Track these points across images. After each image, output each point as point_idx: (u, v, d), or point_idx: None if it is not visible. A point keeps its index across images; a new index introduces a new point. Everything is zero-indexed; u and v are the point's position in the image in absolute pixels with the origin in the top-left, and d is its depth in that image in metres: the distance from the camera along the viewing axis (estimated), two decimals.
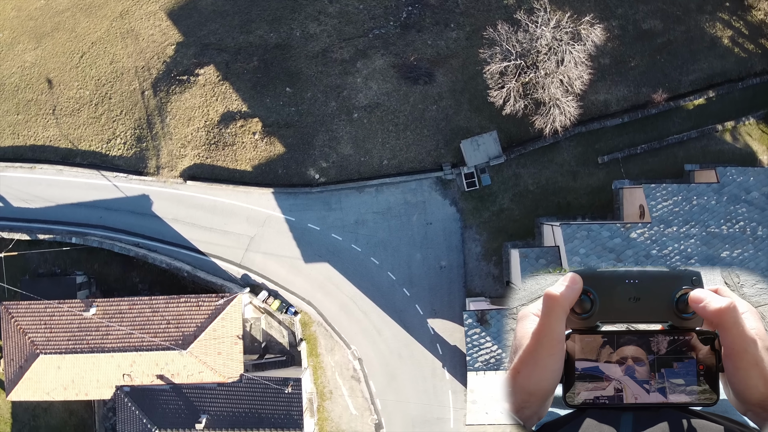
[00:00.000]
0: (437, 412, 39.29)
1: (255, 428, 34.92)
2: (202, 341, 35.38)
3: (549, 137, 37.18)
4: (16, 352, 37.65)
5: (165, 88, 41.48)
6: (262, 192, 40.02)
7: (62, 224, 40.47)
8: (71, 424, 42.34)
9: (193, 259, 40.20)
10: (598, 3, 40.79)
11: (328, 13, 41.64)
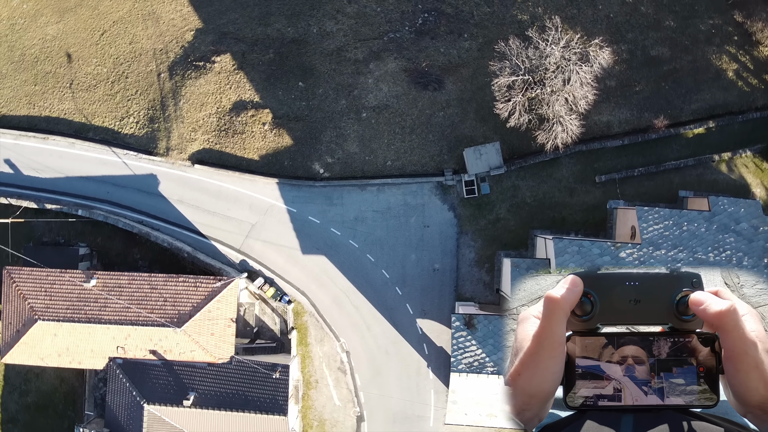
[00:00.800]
0: (418, 409, 40.33)
1: (241, 410, 35.93)
2: (197, 321, 36.39)
3: (550, 153, 38.20)
4: (14, 316, 38.63)
5: (181, 72, 42.48)
6: (266, 181, 41.02)
7: (70, 196, 41.47)
8: (61, 391, 43.34)
9: (194, 240, 41.21)
10: (609, 26, 41.81)
11: (346, 12, 42.62)
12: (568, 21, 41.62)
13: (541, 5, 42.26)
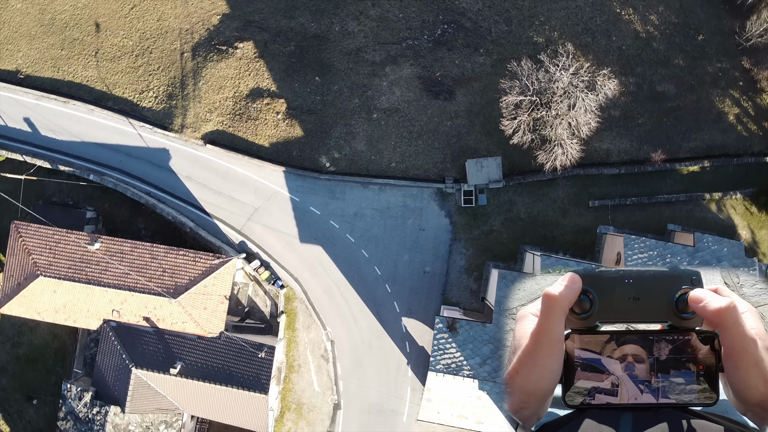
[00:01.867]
0: (394, 404, 41.78)
1: (224, 383, 37.35)
2: (192, 294, 37.81)
3: (548, 173, 39.63)
4: (17, 269, 40.02)
5: (204, 53, 43.89)
6: (274, 168, 42.43)
7: (83, 160, 42.90)
8: (53, 346, 44.75)
9: (198, 217, 42.63)
10: (620, 58, 43.24)
11: (369, 15, 44.02)
12: (581, 48, 43.06)
13: (558, 30, 43.68)
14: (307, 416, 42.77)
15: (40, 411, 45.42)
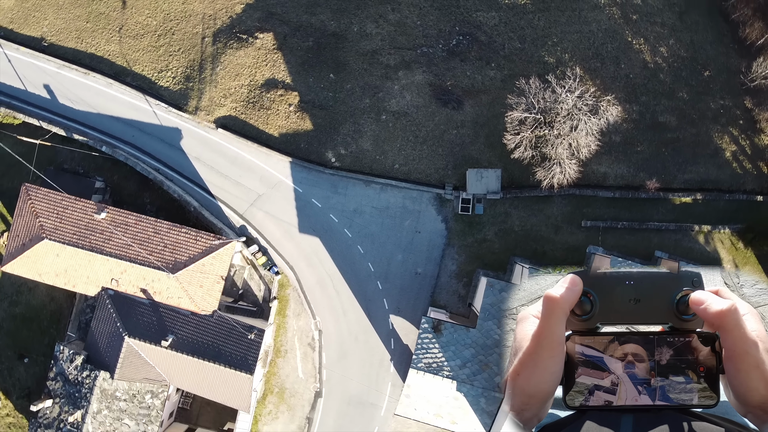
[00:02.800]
0: (373, 397, 43.06)
1: (212, 360, 38.59)
2: (190, 271, 39.06)
3: (545, 190, 40.90)
4: (23, 230, 41.25)
5: (224, 40, 45.14)
6: (281, 158, 43.68)
7: (97, 131, 44.15)
8: (49, 308, 45.99)
9: (202, 197, 43.89)
10: (626, 85, 44.50)
11: (387, 19, 45.26)
12: (590, 72, 44.33)
13: (569, 52, 44.94)
14: (289, 401, 44.03)
15: (30, 370, 46.64)
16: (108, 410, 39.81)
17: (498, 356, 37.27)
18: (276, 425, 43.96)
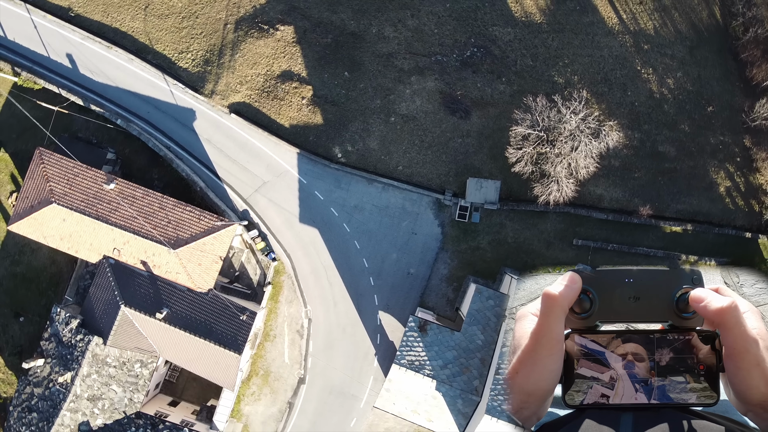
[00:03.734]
0: (355, 389, 44.31)
1: (203, 337, 39.79)
2: (190, 248, 40.29)
3: (541, 205, 42.15)
4: (33, 193, 42.43)
5: (245, 29, 46.37)
6: (289, 148, 44.91)
7: (114, 104, 45.37)
8: (50, 271, 47.19)
9: (209, 179, 45.12)
10: (630, 113, 45.76)
11: (406, 24, 46.49)
12: (596, 96, 45.59)
13: (579, 74, 46.19)
14: (272, 384, 45.27)
15: (25, 329, 47.84)
16: (97, 375, 41.03)
17: (479, 361, 38.54)
18: (258, 406, 45.21)
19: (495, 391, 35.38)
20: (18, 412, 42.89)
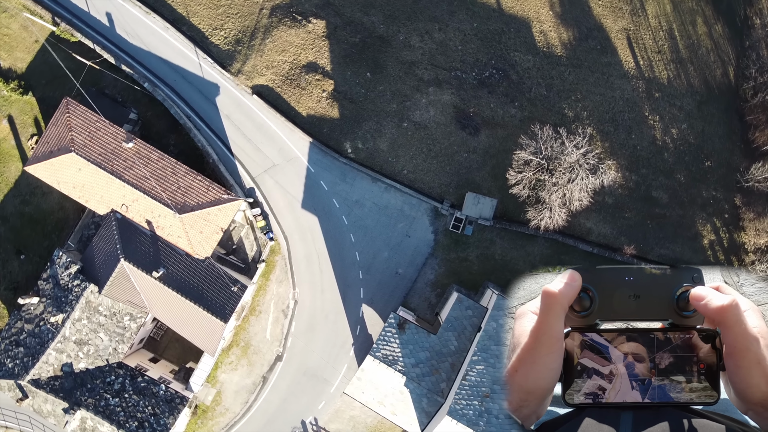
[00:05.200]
0: (328, 374, 46.29)
1: (193, 301, 41.71)
2: (195, 215, 42.22)
3: (532, 229, 44.13)
4: (54, 139, 44.33)
5: (279, 16, 48.29)
6: (302, 136, 46.85)
7: (144, 68, 47.29)
8: (57, 216, 49.08)
9: (222, 153, 47.07)
10: (631, 155, 47.73)
11: (433, 36, 48.43)
12: (601, 134, 47.58)
13: (588, 110, 48.17)
14: (251, 357, 47.23)
15: (24, 267, 49.75)
16: (88, 321, 42.96)
17: (449, 365, 40.49)
18: (233, 375, 47.18)
19: (459, 395, 37.36)
20: (5, 345, 44.75)
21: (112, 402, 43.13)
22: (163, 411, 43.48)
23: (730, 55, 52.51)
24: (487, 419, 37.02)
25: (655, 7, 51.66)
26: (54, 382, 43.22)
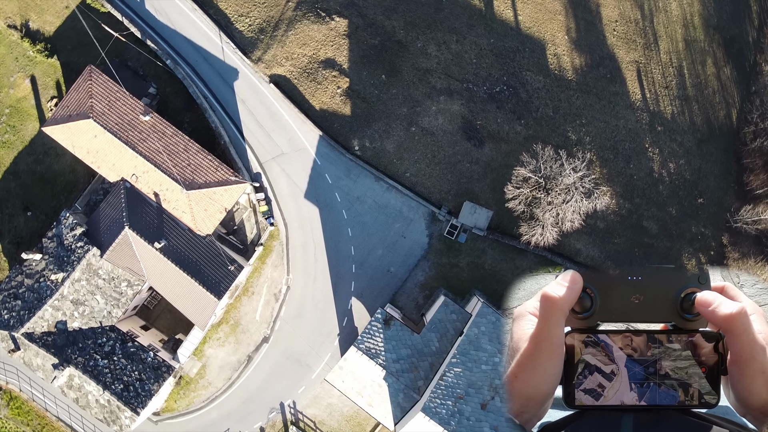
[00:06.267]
0: (311, 360, 47.84)
1: (190, 275, 43.15)
2: (201, 193, 43.72)
3: (522, 243, 45.65)
4: (74, 103, 45.79)
5: (304, 10, 49.80)
6: (313, 129, 48.36)
7: (168, 45, 48.79)
8: (67, 178, 50.56)
9: (234, 136, 48.58)
10: (627, 184, 49.28)
11: (449, 47, 49.95)
12: (600, 160, 49.13)
13: (591, 136, 49.72)
14: (238, 335, 48.76)
15: (29, 224, 51.24)
16: (86, 282, 44.45)
17: (428, 365, 42.03)
18: (219, 351, 48.71)
19: (435, 394, 38.90)
20: (4, 296, 46.21)
21: (101, 363, 44.62)
22: (148, 377, 44.98)
23: (735, 98, 54.09)
24: (459, 420, 38.55)
25: (668, 44, 53.23)
26: (47, 338, 44.69)
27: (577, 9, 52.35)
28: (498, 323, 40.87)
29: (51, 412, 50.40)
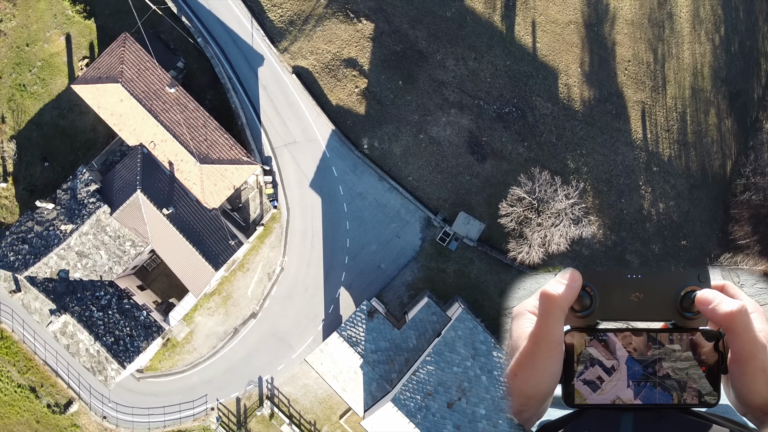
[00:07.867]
0: (294, 340, 50.21)
1: (192, 243, 45.43)
2: (213, 168, 46.04)
3: (509, 259, 48.01)
4: (105, 66, 48.08)
5: (334, 9, 52.13)
6: (327, 122, 50.69)
7: (201, 24, 51.10)
8: (87, 136, 52.84)
9: (251, 119, 50.90)
10: (616, 217, 51.65)
11: (467, 64, 52.29)
12: (594, 191, 51.49)
13: (589, 167, 52.06)
14: (229, 308, 51.10)
15: (45, 174, 53.53)
16: (93, 237, 46.78)
17: (404, 360, 44.39)
18: (208, 320, 51.06)
19: (406, 387, 41.26)
20: (12, 239, 48.52)
21: (96, 315, 46.96)
22: (139, 335, 47.33)
23: (732, 150, 56.48)
24: (425, 414, 40.91)
25: (675, 90, 55.60)
26: (48, 284, 47.02)
27: (593, 44, 54.68)
28: (475, 330, 43.23)
29: (39, 356, 52.65)
